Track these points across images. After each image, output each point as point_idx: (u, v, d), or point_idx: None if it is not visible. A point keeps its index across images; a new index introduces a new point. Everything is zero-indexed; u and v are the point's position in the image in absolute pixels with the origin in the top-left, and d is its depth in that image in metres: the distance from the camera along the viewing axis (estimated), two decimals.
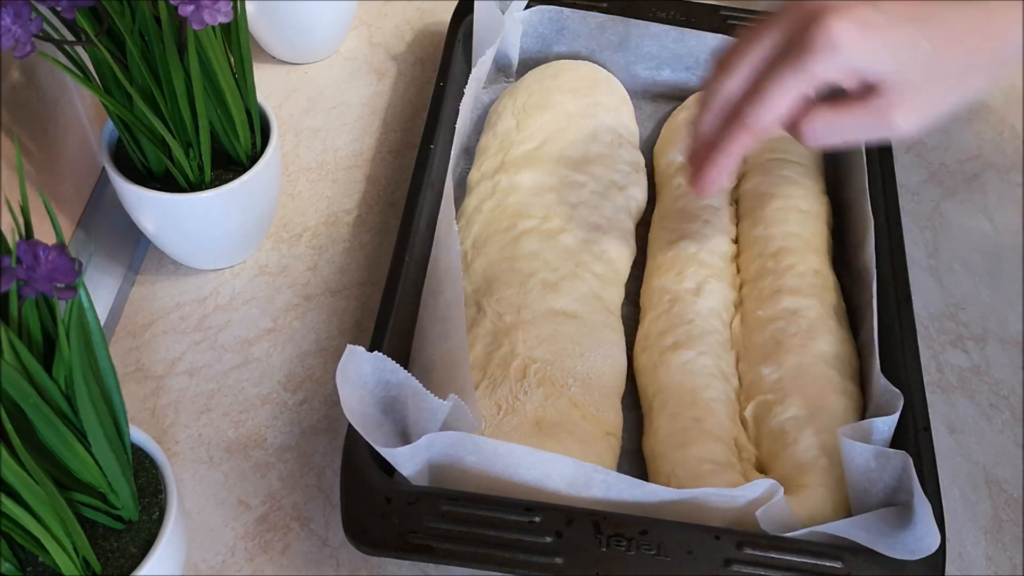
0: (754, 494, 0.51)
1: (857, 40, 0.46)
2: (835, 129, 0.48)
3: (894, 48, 0.47)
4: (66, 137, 0.64)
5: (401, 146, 0.76)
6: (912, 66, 0.47)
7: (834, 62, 0.46)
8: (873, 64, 0.47)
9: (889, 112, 0.47)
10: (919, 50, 0.47)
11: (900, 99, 0.47)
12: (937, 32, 0.47)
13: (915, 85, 0.47)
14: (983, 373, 0.66)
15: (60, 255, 0.38)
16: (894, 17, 0.47)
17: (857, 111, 0.48)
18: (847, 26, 0.46)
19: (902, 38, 0.47)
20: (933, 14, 0.47)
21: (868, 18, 0.46)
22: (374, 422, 0.51)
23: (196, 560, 0.55)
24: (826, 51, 0.46)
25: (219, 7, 0.49)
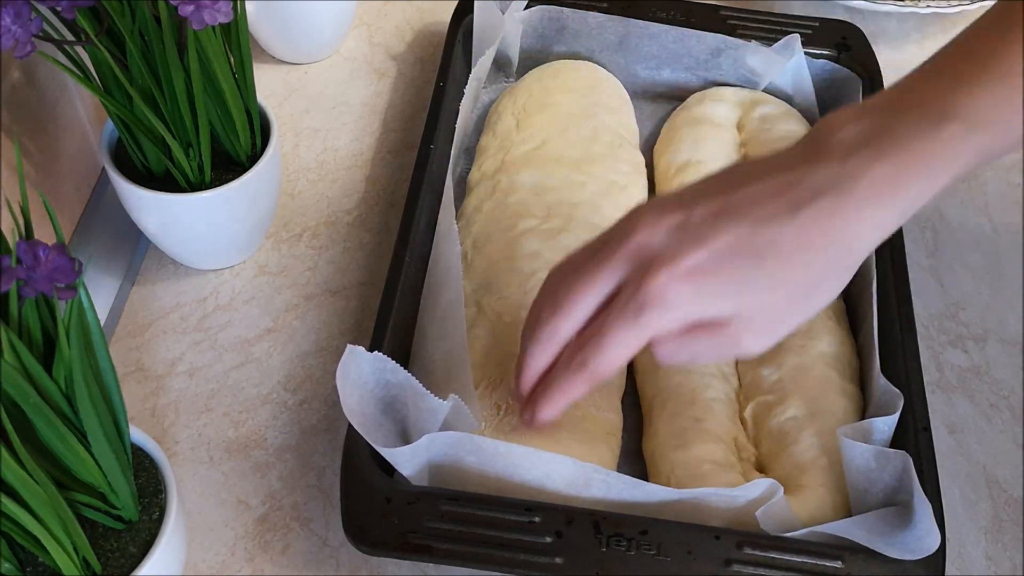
0: (754, 494, 0.51)
1: (691, 295, 0.46)
2: (687, 352, 0.48)
3: (728, 290, 0.47)
4: (66, 137, 0.64)
5: (401, 146, 0.76)
6: (751, 301, 0.47)
7: (669, 316, 0.47)
8: (710, 311, 0.47)
9: (738, 339, 0.47)
10: (755, 285, 0.46)
11: (746, 328, 0.47)
12: (772, 262, 0.46)
13: (757, 316, 0.47)
14: (983, 373, 0.66)
15: (60, 255, 0.38)
16: (727, 252, 0.46)
17: (706, 339, 0.48)
18: (677, 282, 0.46)
19: (736, 279, 0.46)
20: (768, 242, 0.46)
21: (698, 265, 0.46)
22: (374, 422, 0.51)
23: (196, 560, 0.55)
24: (661, 308, 0.46)
25: (219, 7, 0.49)
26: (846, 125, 0.47)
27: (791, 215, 0.46)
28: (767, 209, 0.46)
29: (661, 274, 0.46)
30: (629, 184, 0.68)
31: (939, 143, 0.45)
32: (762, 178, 0.47)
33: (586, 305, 0.49)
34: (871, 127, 0.46)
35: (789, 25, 0.75)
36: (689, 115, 0.73)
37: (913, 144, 0.46)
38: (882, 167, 0.45)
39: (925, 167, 0.46)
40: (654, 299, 0.46)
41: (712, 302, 0.47)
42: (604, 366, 0.48)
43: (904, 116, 0.46)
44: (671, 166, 0.70)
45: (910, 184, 0.46)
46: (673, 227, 0.47)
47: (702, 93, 0.75)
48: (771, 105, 0.73)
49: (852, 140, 0.46)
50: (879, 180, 0.45)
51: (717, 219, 0.47)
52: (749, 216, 0.46)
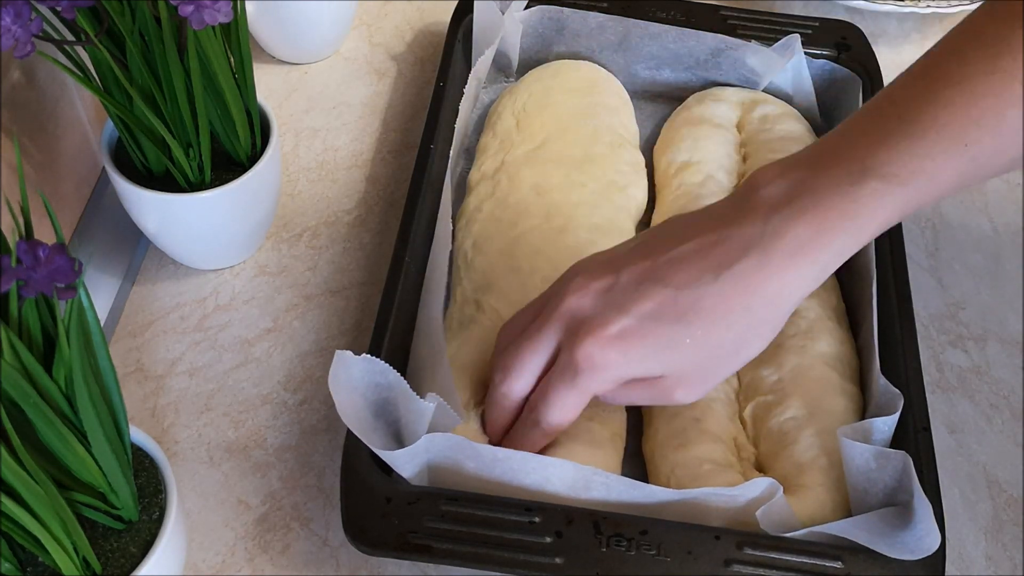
0: (753, 493, 0.51)
1: (618, 358, 0.49)
2: (624, 400, 0.52)
3: (655, 352, 0.49)
4: (66, 137, 0.64)
5: (401, 146, 0.76)
6: (678, 361, 0.49)
7: (602, 378, 0.50)
8: (639, 371, 0.50)
9: (670, 392, 0.50)
10: (681, 347, 0.49)
11: (676, 384, 0.50)
12: (700, 323, 0.48)
13: (687, 373, 0.50)
14: (983, 373, 0.66)
15: (60, 255, 0.38)
16: (651, 317, 0.48)
17: (642, 391, 0.51)
18: (603, 348, 0.49)
19: (661, 342, 0.49)
20: (690, 306, 0.48)
21: (623, 330, 0.49)
22: (369, 425, 0.51)
23: (196, 560, 0.55)
24: (593, 372, 0.49)
25: (219, 7, 0.49)
26: (772, 182, 0.48)
27: (714, 277, 0.48)
28: (691, 272, 0.48)
29: (588, 341, 0.49)
30: (629, 184, 0.68)
31: (859, 200, 0.46)
32: (688, 239, 0.49)
33: (530, 369, 0.52)
34: (793, 184, 0.48)
35: (789, 25, 0.75)
36: (689, 115, 0.73)
37: (833, 201, 0.47)
38: (803, 225, 0.47)
39: (846, 224, 0.47)
40: (584, 364, 0.49)
41: (639, 364, 0.49)
42: (555, 423, 0.51)
43: (825, 173, 0.47)
44: (671, 166, 0.70)
45: (831, 241, 0.47)
46: (601, 292, 0.50)
47: (702, 93, 0.75)
48: (771, 105, 0.73)
49: (775, 197, 0.48)
50: (801, 238, 0.47)
51: (641, 284, 0.49)
52: (673, 280, 0.48)
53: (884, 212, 0.47)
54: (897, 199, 0.47)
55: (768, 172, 0.49)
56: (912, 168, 0.46)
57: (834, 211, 0.47)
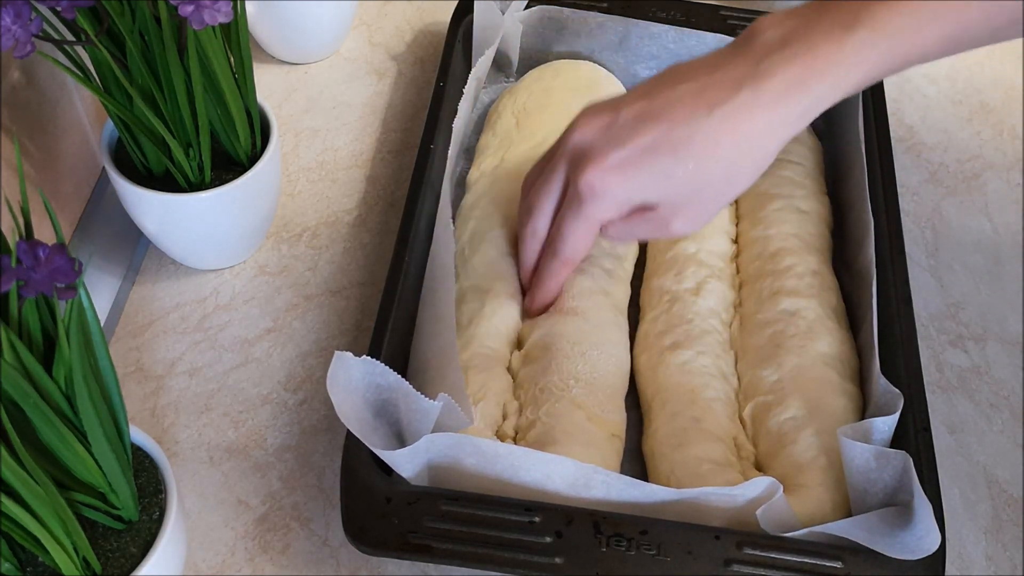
0: (753, 492, 0.51)
1: (617, 184, 0.53)
2: (628, 234, 0.57)
3: (652, 181, 0.53)
4: (66, 137, 0.64)
5: (401, 146, 0.76)
6: (673, 191, 0.53)
7: (604, 204, 0.54)
8: (638, 196, 0.54)
9: (667, 222, 0.55)
10: (676, 177, 0.53)
11: (672, 213, 0.54)
12: (690, 157, 0.52)
13: (682, 203, 0.54)
14: (983, 373, 0.66)
15: (60, 255, 0.38)
16: (647, 149, 0.52)
17: (642, 223, 0.55)
18: (602, 175, 0.53)
19: (658, 171, 0.53)
20: (684, 139, 0.52)
21: (620, 159, 0.53)
22: (369, 426, 0.51)
23: (196, 560, 0.55)
24: (594, 199, 0.54)
25: (219, 7, 0.49)
26: (770, 28, 0.52)
27: (707, 114, 0.52)
28: (686, 110, 0.52)
29: (589, 169, 0.54)
30: None
31: (847, 48, 0.50)
32: (686, 80, 0.53)
33: (546, 205, 0.58)
34: (789, 30, 0.51)
35: None
36: None
37: (823, 48, 0.50)
38: (793, 68, 0.51)
39: (832, 70, 0.50)
40: (588, 191, 0.54)
41: (638, 191, 0.54)
42: (571, 252, 0.57)
43: (819, 21, 0.51)
44: None
45: (817, 85, 0.51)
46: (602, 128, 0.54)
47: None
48: None
49: (770, 42, 0.52)
50: (789, 80, 0.51)
51: (639, 120, 0.53)
52: (669, 117, 0.52)
53: (869, 62, 0.51)
54: (883, 51, 0.50)
55: (768, 20, 0.52)
56: (899, 23, 0.50)
57: (822, 57, 0.50)
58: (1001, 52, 0.87)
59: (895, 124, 0.79)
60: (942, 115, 0.81)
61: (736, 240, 0.67)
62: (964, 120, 0.81)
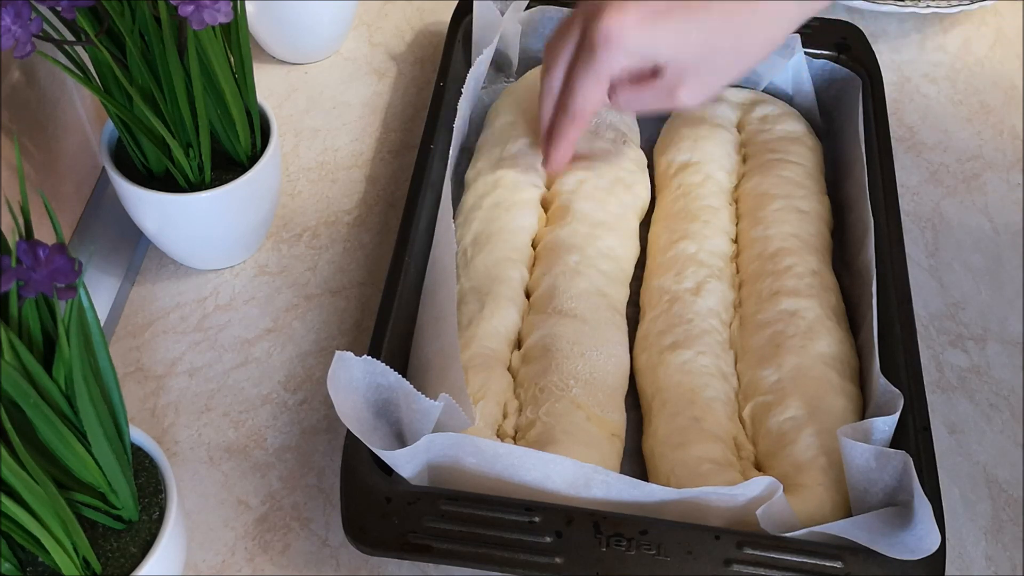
0: (753, 492, 0.51)
1: (631, 33, 0.54)
2: (635, 101, 0.58)
3: (666, 37, 0.54)
4: (66, 137, 0.64)
5: (401, 146, 0.76)
6: (685, 53, 0.55)
7: (616, 55, 0.55)
8: (650, 51, 0.55)
9: (674, 90, 0.56)
10: (690, 39, 0.54)
11: (680, 80, 0.55)
12: (706, 22, 0.54)
13: (691, 68, 0.55)
14: (983, 373, 0.66)
15: (60, 255, 0.38)
16: (663, 7, 0.54)
17: (649, 89, 0.56)
18: (620, 22, 0.54)
19: (673, 28, 0.54)
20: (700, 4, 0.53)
21: (639, 11, 0.54)
22: (369, 426, 0.51)
23: (196, 560, 0.55)
24: (608, 47, 0.54)
25: (219, 7, 0.49)
26: None
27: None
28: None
29: (606, 18, 0.54)
30: (635, 183, 0.68)
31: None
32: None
33: (561, 60, 0.59)
34: None
35: None
36: (689, 115, 0.73)
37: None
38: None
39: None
40: (602, 39, 0.54)
41: (650, 45, 0.55)
42: (580, 107, 0.58)
43: None
44: (671, 166, 0.70)
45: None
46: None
47: None
48: (771, 105, 0.73)
49: None
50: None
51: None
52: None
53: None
54: None
55: None
56: None
57: None
58: (1001, 52, 0.87)
59: (895, 124, 0.79)
60: (942, 115, 0.81)
61: (736, 240, 0.67)
62: (964, 120, 0.81)
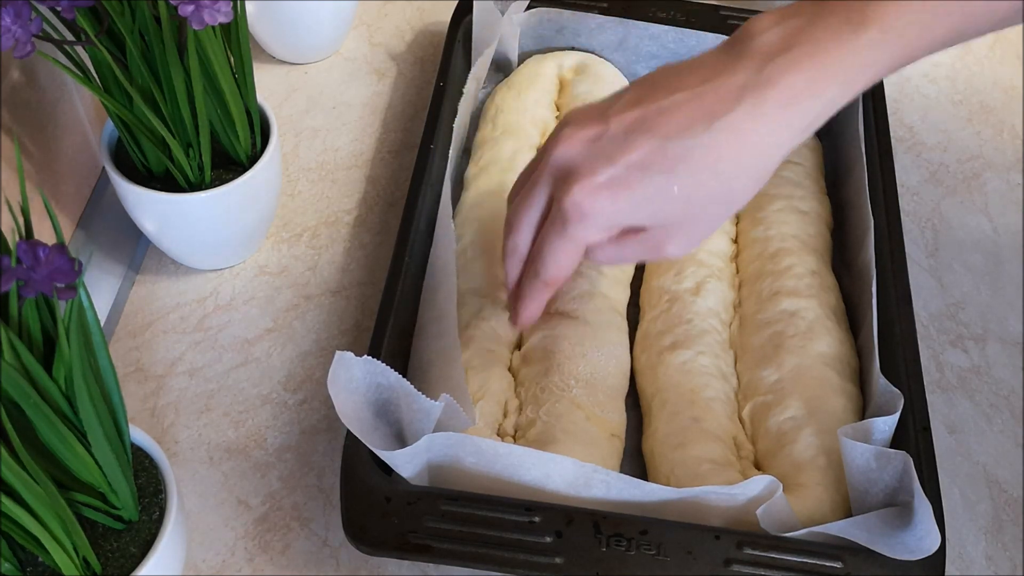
0: (753, 491, 0.51)
1: (606, 205, 0.49)
2: (618, 256, 0.52)
3: (645, 202, 0.49)
4: (66, 137, 0.64)
5: (401, 146, 0.76)
6: (667, 211, 0.49)
7: (591, 227, 0.50)
8: (628, 219, 0.50)
9: (660, 245, 0.50)
10: (670, 197, 0.48)
11: (666, 235, 0.50)
12: (687, 174, 0.48)
13: (676, 225, 0.50)
14: (983, 373, 0.66)
15: (60, 255, 0.38)
16: (639, 166, 0.48)
17: (633, 245, 0.51)
18: (592, 196, 0.48)
19: (651, 190, 0.48)
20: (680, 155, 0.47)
21: (612, 180, 0.48)
22: (370, 426, 0.51)
23: (196, 560, 0.55)
24: (582, 221, 0.49)
25: (219, 7, 0.49)
26: (767, 30, 0.48)
27: (705, 127, 0.47)
28: (681, 122, 0.47)
29: (576, 189, 0.49)
30: None
31: (856, 50, 0.46)
32: (681, 86, 0.48)
33: (528, 221, 0.53)
34: (791, 31, 0.47)
35: None
36: None
37: (830, 51, 0.46)
38: (798, 73, 0.46)
39: (840, 74, 0.47)
40: (575, 213, 0.49)
41: (628, 213, 0.49)
42: (553, 274, 0.53)
43: (824, 21, 0.47)
44: None
45: (825, 90, 0.47)
46: (589, 141, 0.49)
47: None
48: None
49: (771, 45, 0.47)
50: (795, 87, 0.46)
51: (631, 133, 0.48)
52: (663, 130, 0.48)
53: (879, 64, 0.47)
54: (893, 49, 0.47)
55: (763, 21, 0.48)
56: (909, 20, 0.47)
57: (831, 60, 0.46)
58: (1001, 52, 0.87)
59: (895, 124, 0.79)
60: (942, 115, 0.81)
61: (736, 240, 0.67)
62: (964, 120, 0.81)
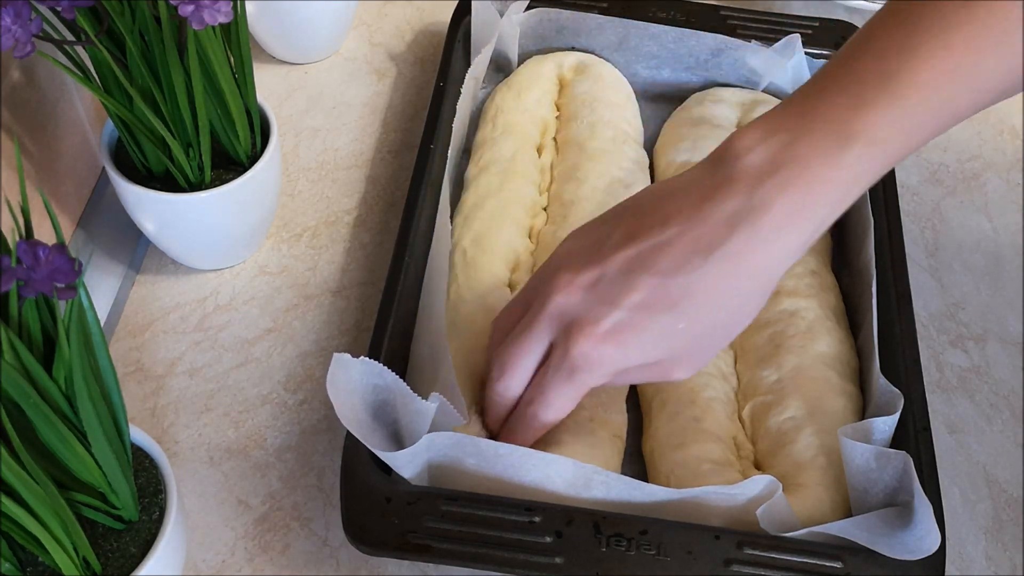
0: (753, 491, 0.51)
1: (614, 353, 0.48)
2: (624, 381, 0.52)
3: (650, 342, 0.49)
4: (66, 137, 0.64)
5: (401, 146, 0.76)
6: (674, 346, 0.49)
7: (600, 373, 0.49)
8: (636, 361, 0.49)
9: (667, 372, 0.50)
10: (675, 334, 0.48)
11: (674, 365, 0.50)
12: (693, 309, 0.47)
13: (683, 355, 0.50)
14: (983, 373, 0.66)
15: (60, 255, 0.38)
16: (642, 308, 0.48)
17: (640, 373, 0.51)
18: (598, 344, 0.48)
19: (655, 331, 0.48)
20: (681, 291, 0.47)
21: (616, 325, 0.48)
22: (368, 427, 0.51)
23: (196, 560, 0.55)
24: (588, 368, 0.49)
25: (219, 7, 0.49)
26: (752, 150, 0.47)
27: (702, 261, 0.47)
28: (678, 257, 0.47)
29: (582, 340, 0.48)
30: (635, 182, 0.68)
31: (845, 166, 0.46)
32: (672, 218, 0.48)
33: (524, 367, 0.52)
34: (777, 150, 0.47)
35: (789, 25, 0.75)
36: (689, 115, 0.73)
37: (820, 169, 0.46)
38: (790, 196, 0.46)
39: (832, 192, 0.47)
40: (581, 363, 0.49)
41: (635, 355, 0.49)
42: (551, 418, 0.52)
43: (809, 137, 0.47)
44: (671, 166, 0.70)
45: (819, 209, 0.47)
46: (588, 287, 0.49)
47: (702, 94, 0.75)
48: (771, 105, 0.73)
49: (758, 166, 0.47)
50: (788, 210, 0.46)
51: (629, 274, 0.48)
52: (661, 267, 0.47)
53: (869, 174, 0.47)
54: (877, 160, 0.47)
55: (747, 137, 0.48)
56: (896, 128, 0.46)
57: (820, 179, 0.46)
58: None
59: None
60: None
61: None
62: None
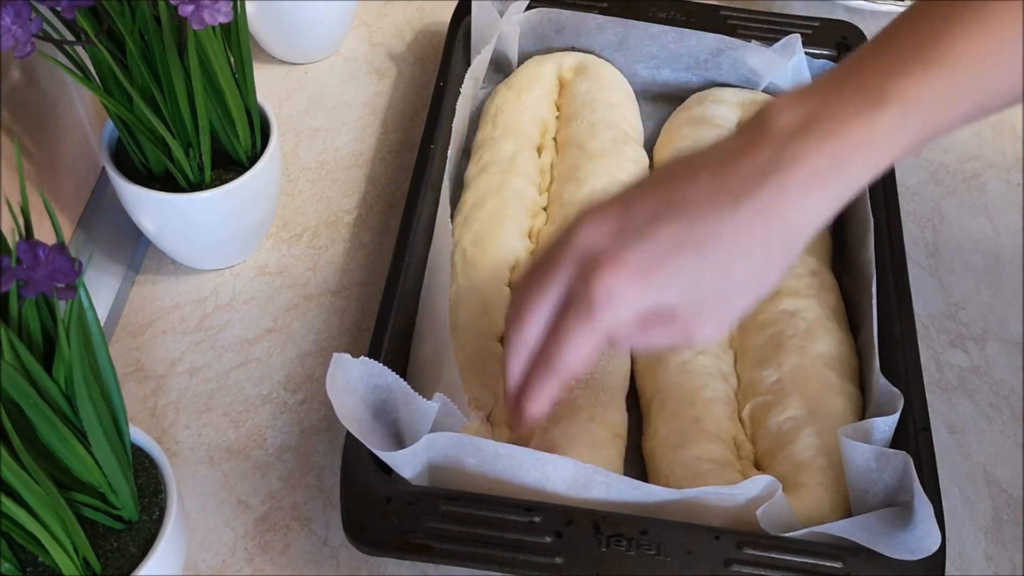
0: (753, 491, 0.51)
1: (637, 290, 0.47)
2: (643, 342, 0.50)
3: (675, 283, 0.47)
4: (66, 137, 0.64)
5: (401, 146, 0.76)
6: (697, 293, 0.47)
7: (619, 311, 0.47)
8: (658, 300, 0.47)
9: (689, 328, 0.48)
10: (701, 279, 0.47)
11: (696, 319, 0.48)
12: (719, 250, 0.46)
13: (705, 307, 0.48)
14: (983, 373, 0.66)
15: (60, 255, 0.38)
16: (671, 246, 0.46)
17: (661, 331, 0.49)
18: (621, 277, 0.46)
19: (679, 272, 0.47)
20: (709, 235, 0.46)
21: (641, 261, 0.46)
22: (369, 427, 0.51)
23: (196, 560, 0.55)
24: (609, 304, 0.47)
25: (219, 7, 0.49)
26: (785, 110, 0.47)
27: (731, 208, 0.46)
28: (707, 202, 0.46)
29: (606, 273, 0.47)
30: None
31: (877, 128, 0.45)
32: (701, 171, 0.47)
33: (543, 312, 0.50)
34: (810, 112, 0.46)
35: (789, 25, 0.75)
36: (689, 115, 0.73)
37: (852, 129, 0.45)
38: (820, 152, 0.45)
39: (863, 152, 0.46)
40: (603, 297, 0.47)
41: (658, 295, 0.47)
42: (570, 364, 0.49)
43: (843, 99, 0.46)
44: None
45: (848, 169, 0.46)
46: (615, 227, 0.48)
47: (702, 93, 0.75)
48: None
49: (791, 125, 0.46)
50: (818, 166, 0.45)
51: (657, 216, 0.47)
52: (689, 210, 0.46)
53: (899, 142, 0.46)
54: (911, 128, 0.46)
55: (780, 102, 0.47)
56: (930, 97, 0.46)
57: (853, 138, 0.45)
58: None
59: None
60: None
61: None
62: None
